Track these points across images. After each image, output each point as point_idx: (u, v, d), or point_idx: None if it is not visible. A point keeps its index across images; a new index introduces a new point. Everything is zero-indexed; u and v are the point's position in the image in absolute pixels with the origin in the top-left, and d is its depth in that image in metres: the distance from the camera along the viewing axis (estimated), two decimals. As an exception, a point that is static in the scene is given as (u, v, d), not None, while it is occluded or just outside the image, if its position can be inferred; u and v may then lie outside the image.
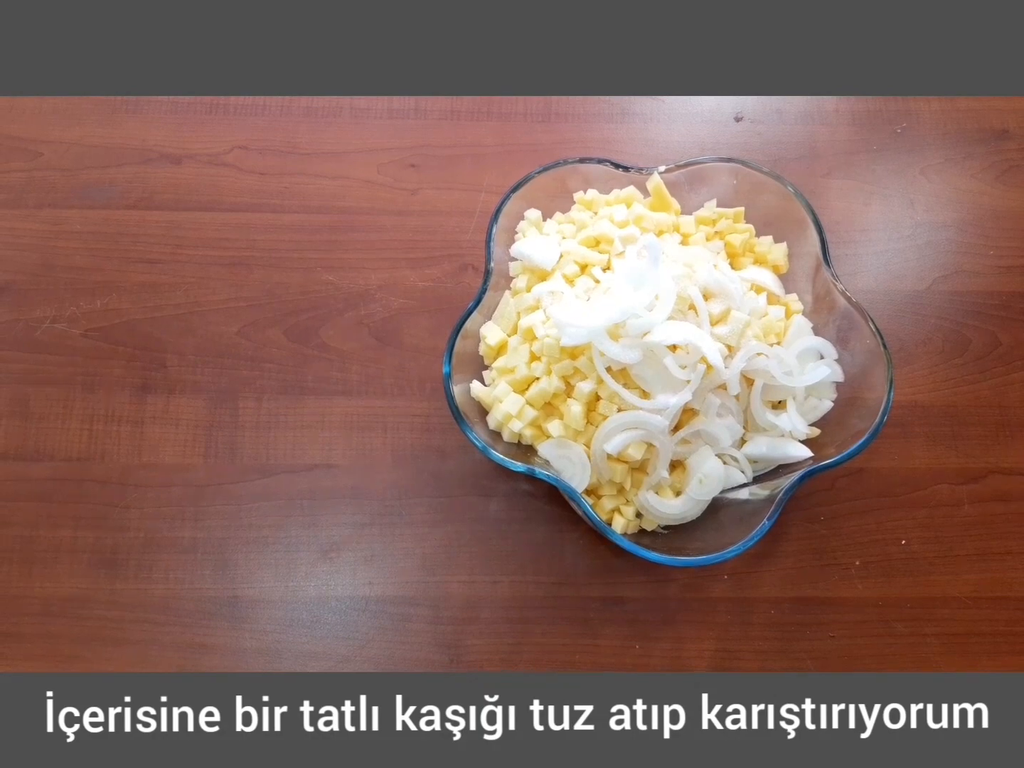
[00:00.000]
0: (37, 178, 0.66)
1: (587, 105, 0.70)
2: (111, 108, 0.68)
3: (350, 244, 0.65)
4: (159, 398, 0.60)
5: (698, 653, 0.55)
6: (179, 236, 0.64)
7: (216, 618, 0.55)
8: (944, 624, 0.56)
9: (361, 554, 0.56)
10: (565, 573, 0.56)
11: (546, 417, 0.53)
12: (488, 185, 0.66)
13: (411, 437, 0.59)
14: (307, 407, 0.60)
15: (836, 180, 0.68)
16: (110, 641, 0.54)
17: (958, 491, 0.59)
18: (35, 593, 0.55)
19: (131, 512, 0.57)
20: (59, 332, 0.61)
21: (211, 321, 0.62)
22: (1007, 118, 0.70)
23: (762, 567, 0.57)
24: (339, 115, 0.68)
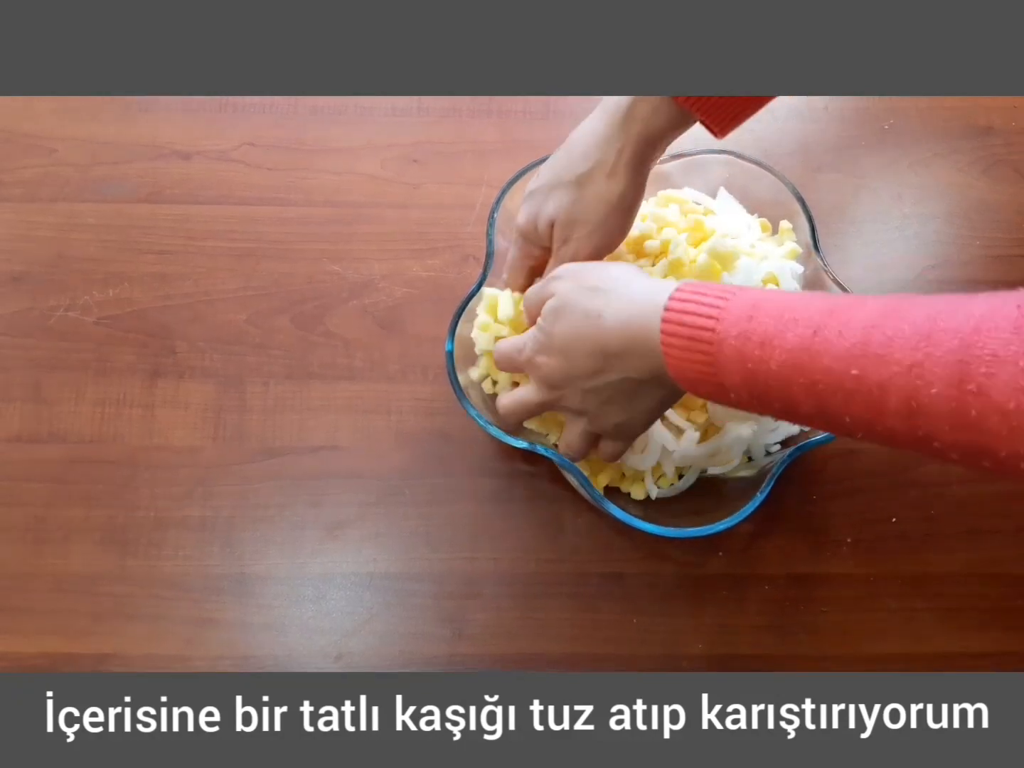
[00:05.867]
0: (52, 174, 0.68)
1: (586, 103, 0.72)
2: (123, 107, 0.70)
3: (355, 236, 0.67)
4: (169, 383, 0.61)
5: (695, 627, 0.56)
6: (189, 228, 0.66)
7: (224, 594, 0.56)
8: (935, 600, 0.57)
9: (366, 532, 0.58)
10: (565, 550, 0.58)
11: None
12: (489, 179, 0.68)
13: (414, 420, 0.61)
14: (313, 391, 0.61)
15: (826, 174, 0.70)
16: (121, 616, 0.56)
17: (948, 471, 0.60)
18: (48, 570, 0.57)
19: (141, 492, 0.58)
20: (73, 320, 0.63)
21: (220, 309, 0.64)
22: (992, 115, 0.72)
23: (756, 545, 0.58)
24: (344, 113, 0.71)
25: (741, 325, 0.39)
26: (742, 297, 0.40)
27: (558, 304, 0.47)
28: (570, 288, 0.47)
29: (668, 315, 0.41)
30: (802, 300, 0.38)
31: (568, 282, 0.47)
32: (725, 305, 0.40)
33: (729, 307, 0.40)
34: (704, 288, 0.41)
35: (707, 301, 0.40)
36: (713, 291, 0.41)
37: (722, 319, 0.39)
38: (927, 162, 0.71)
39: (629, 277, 0.46)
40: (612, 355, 0.44)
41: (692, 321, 0.40)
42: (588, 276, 0.47)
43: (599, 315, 0.44)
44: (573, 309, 0.46)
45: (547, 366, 0.47)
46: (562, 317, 0.46)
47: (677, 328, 0.41)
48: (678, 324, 0.41)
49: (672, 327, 0.41)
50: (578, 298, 0.46)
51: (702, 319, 0.40)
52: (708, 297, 0.41)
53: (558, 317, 0.46)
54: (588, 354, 0.45)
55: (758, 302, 0.39)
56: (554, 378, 0.47)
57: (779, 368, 0.37)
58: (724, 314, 0.39)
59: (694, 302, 0.41)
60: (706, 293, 0.41)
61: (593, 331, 0.45)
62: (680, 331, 0.41)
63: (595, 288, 0.46)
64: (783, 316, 0.38)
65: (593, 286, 0.46)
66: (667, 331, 0.41)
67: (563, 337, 0.46)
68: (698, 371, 0.40)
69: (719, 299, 0.40)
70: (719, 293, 0.41)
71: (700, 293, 0.41)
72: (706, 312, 0.40)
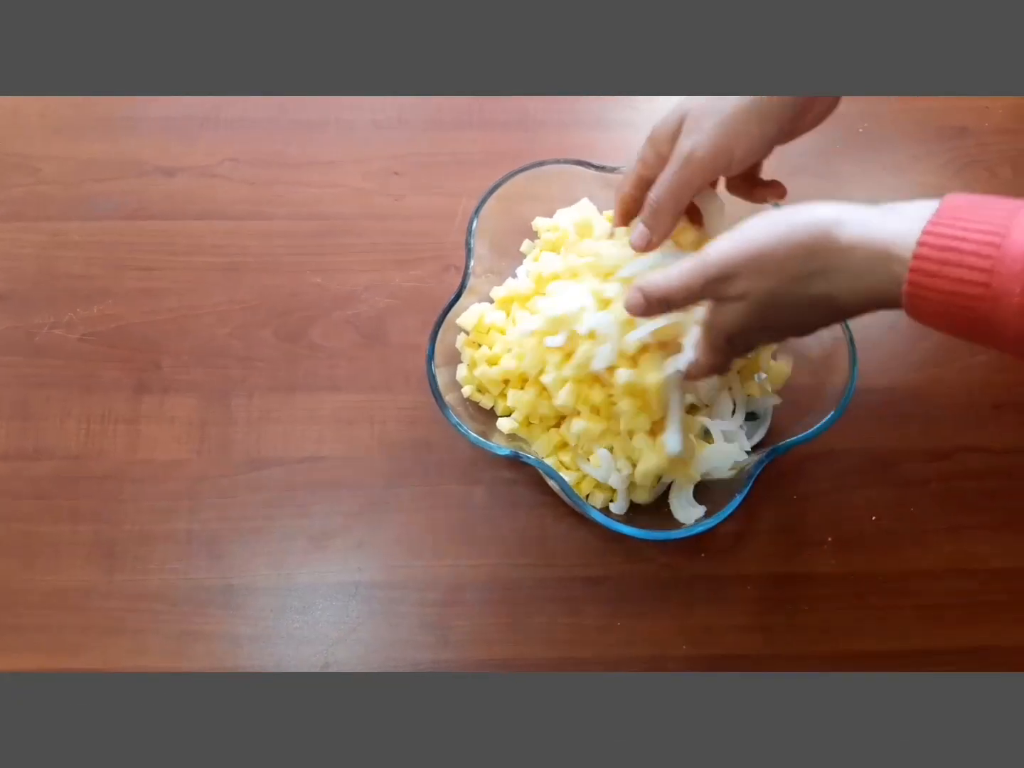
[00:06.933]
0: (37, 192, 0.68)
1: (564, 113, 0.73)
2: (107, 125, 0.71)
3: (337, 248, 0.67)
4: (154, 398, 0.62)
5: (679, 629, 0.56)
6: (173, 244, 0.67)
7: (211, 606, 0.57)
8: (917, 596, 0.58)
9: (351, 541, 0.58)
10: (547, 555, 0.58)
11: None
12: (469, 190, 0.69)
13: (398, 429, 0.61)
14: (297, 403, 0.62)
15: (802, 179, 0.70)
16: (109, 631, 0.56)
17: (926, 469, 0.61)
18: (36, 586, 0.57)
19: (128, 506, 0.59)
20: (57, 337, 0.64)
21: (204, 323, 0.64)
22: (965, 116, 0.73)
23: (737, 546, 0.59)
24: (326, 126, 0.72)
25: None
26: (1018, 237, 0.33)
27: (760, 306, 0.41)
28: (768, 287, 0.41)
29: (917, 275, 0.35)
30: None
31: (755, 280, 0.41)
32: (996, 254, 0.34)
33: (1003, 254, 0.33)
34: (962, 227, 0.35)
35: (970, 249, 0.34)
36: (975, 232, 0.34)
37: (997, 271, 0.33)
38: (901, 164, 0.71)
39: (829, 239, 0.38)
40: (846, 315, 0.42)
41: (956, 275, 0.34)
42: (779, 263, 0.40)
43: (829, 299, 0.40)
44: (792, 304, 0.41)
45: (753, 343, 0.45)
46: (779, 314, 0.42)
47: (934, 282, 0.35)
48: (934, 277, 0.35)
49: (928, 280, 0.35)
50: (789, 292, 0.40)
51: (968, 271, 0.34)
52: (970, 243, 0.34)
53: (768, 317, 0.42)
54: (815, 327, 0.43)
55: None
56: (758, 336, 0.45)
57: None
58: (998, 264, 0.33)
59: (954, 249, 0.34)
60: (966, 237, 0.34)
61: (828, 312, 0.41)
62: (937, 290, 0.35)
63: (806, 275, 0.39)
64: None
65: (797, 274, 0.39)
66: (918, 288, 0.35)
67: (790, 325, 0.43)
68: (959, 326, 0.36)
69: (988, 243, 0.34)
70: (985, 236, 0.34)
71: (959, 238, 0.34)
72: (972, 262, 0.34)
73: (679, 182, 0.48)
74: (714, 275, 0.42)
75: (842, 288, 0.39)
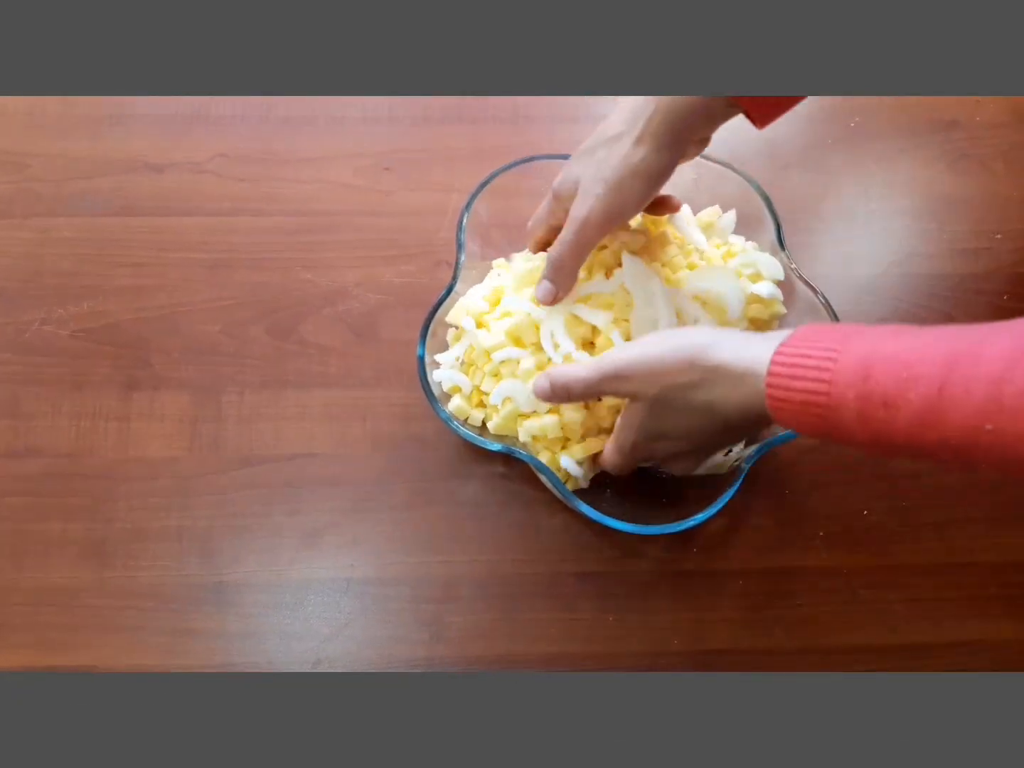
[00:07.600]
0: (25, 189, 0.68)
1: (553, 108, 0.73)
2: (95, 122, 0.71)
3: (328, 244, 0.67)
4: (145, 395, 0.62)
5: (672, 624, 0.56)
6: (162, 240, 0.67)
7: (202, 603, 0.56)
8: (909, 591, 0.58)
9: (343, 538, 0.58)
10: (540, 551, 0.58)
11: None
12: (459, 186, 0.69)
13: (389, 425, 0.61)
14: (288, 399, 0.62)
15: (794, 172, 0.71)
16: (100, 629, 0.56)
17: (917, 463, 0.61)
18: (26, 584, 0.57)
19: (119, 504, 0.59)
20: (47, 334, 0.63)
21: (194, 320, 0.64)
22: (956, 110, 0.73)
23: (730, 540, 0.59)
24: (315, 123, 0.71)
25: (857, 387, 0.38)
26: (851, 354, 0.39)
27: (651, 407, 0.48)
28: (656, 391, 0.47)
29: (772, 389, 0.41)
30: (915, 351, 0.37)
31: (645, 382, 0.47)
32: (834, 367, 0.39)
33: (839, 368, 0.39)
34: (806, 348, 0.41)
35: (812, 364, 0.40)
36: (817, 351, 0.40)
37: (835, 382, 0.39)
38: (893, 158, 0.71)
39: (705, 356, 0.45)
40: (733, 426, 0.47)
41: (802, 387, 0.40)
42: (665, 370, 0.47)
43: (710, 407, 0.46)
44: (680, 409, 0.47)
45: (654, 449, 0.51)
46: (670, 418, 0.48)
47: (786, 394, 0.41)
48: (786, 390, 0.41)
49: (781, 392, 0.41)
50: (675, 397, 0.47)
51: (812, 383, 0.40)
52: (813, 359, 0.40)
53: (662, 418, 0.48)
54: (708, 434, 0.48)
55: (869, 358, 0.38)
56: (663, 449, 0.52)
57: (907, 427, 0.37)
58: (836, 376, 0.39)
59: (799, 366, 0.40)
60: (809, 355, 0.40)
61: (709, 420, 0.47)
62: (790, 401, 0.41)
63: (688, 384, 0.46)
64: (900, 375, 0.37)
65: (680, 382, 0.46)
66: (774, 399, 0.41)
67: (685, 430, 0.49)
68: (818, 431, 0.41)
69: (826, 359, 0.39)
70: (824, 353, 0.40)
71: (803, 356, 0.40)
72: (814, 376, 0.40)
73: (578, 244, 0.52)
74: (610, 372, 0.48)
75: (719, 398, 0.45)
